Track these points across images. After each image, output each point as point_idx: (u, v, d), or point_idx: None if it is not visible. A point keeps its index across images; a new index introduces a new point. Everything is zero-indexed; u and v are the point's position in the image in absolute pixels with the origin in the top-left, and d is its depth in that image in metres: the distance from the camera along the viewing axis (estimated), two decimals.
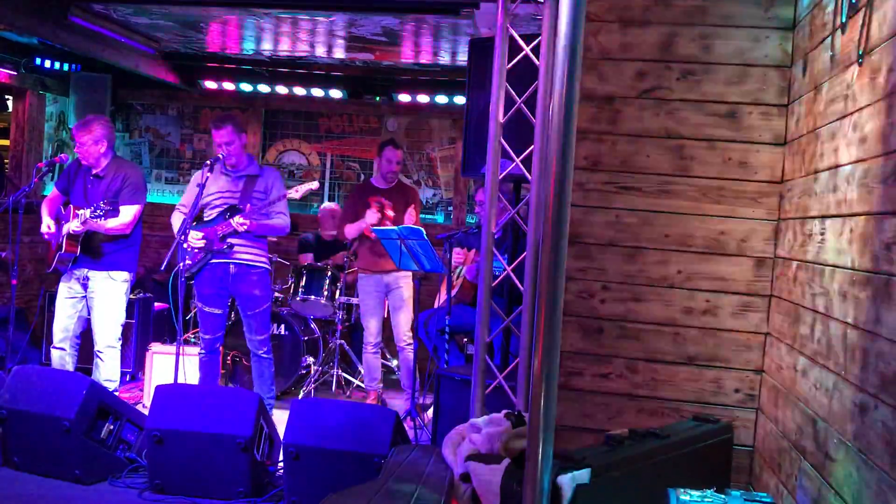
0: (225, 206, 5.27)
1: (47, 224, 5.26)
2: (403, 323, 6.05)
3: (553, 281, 2.38)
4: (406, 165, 8.20)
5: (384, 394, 6.33)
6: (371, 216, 5.92)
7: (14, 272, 5.38)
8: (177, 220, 5.38)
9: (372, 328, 6.13)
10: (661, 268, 3.67)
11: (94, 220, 5.04)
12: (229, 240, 5.22)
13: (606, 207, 3.71)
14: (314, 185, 5.49)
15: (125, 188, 5.26)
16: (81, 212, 5.08)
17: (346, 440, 3.94)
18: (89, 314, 5.33)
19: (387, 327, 6.25)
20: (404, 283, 6.06)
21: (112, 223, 5.19)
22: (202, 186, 5.17)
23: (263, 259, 5.41)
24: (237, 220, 5.13)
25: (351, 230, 6.10)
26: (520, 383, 3.85)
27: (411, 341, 6.03)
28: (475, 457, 2.91)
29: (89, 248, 5.24)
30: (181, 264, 5.14)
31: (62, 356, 5.37)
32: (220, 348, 5.58)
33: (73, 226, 5.10)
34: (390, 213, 5.96)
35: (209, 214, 5.31)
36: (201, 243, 5.21)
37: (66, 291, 5.34)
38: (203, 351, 5.42)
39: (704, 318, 3.64)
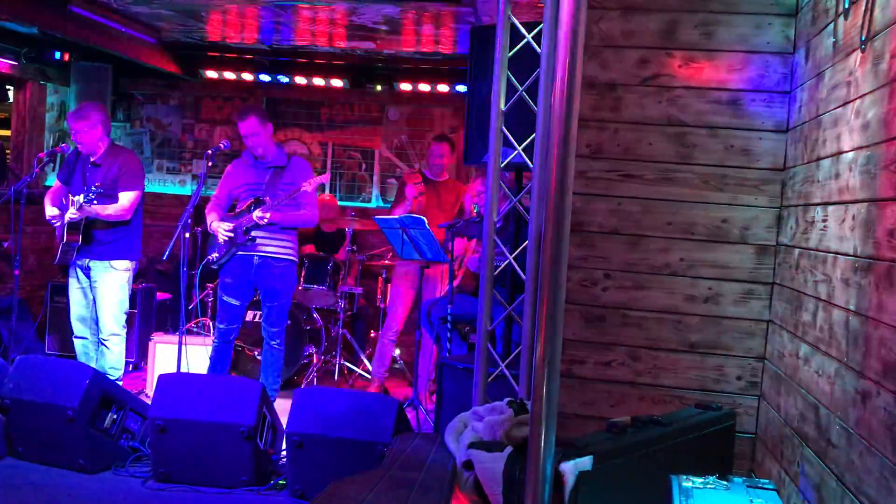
0: (251, 199, 5.27)
1: (52, 213, 5.27)
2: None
3: (555, 269, 2.38)
4: (408, 155, 8.19)
5: (386, 383, 6.33)
6: (411, 189, 5.93)
7: (16, 262, 5.39)
8: (210, 213, 5.40)
9: (399, 316, 6.10)
10: (664, 255, 3.67)
11: (88, 204, 5.04)
12: (253, 232, 5.21)
13: (608, 195, 3.71)
14: (325, 178, 5.47)
15: (122, 175, 5.27)
16: (76, 198, 5.08)
17: (349, 428, 3.95)
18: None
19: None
20: (436, 275, 6.00)
21: (111, 209, 5.19)
22: (203, 176, 5.20)
23: (289, 251, 5.37)
24: (257, 214, 5.11)
25: (398, 211, 6.09)
26: (522, 371, 3.85)
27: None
28: (477, 444, 2.92)
29: (90, 236, 5.25)
30: (210, 256, 5.18)
31: (84, 345, 5.41)
32: (235, 340, 5.55)
33: (70, 213, 5.10)
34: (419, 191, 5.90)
35: (240, 207, 5.32)
36: (229, 235, 5.21)
37: (75, 282, 5.38)
38: (217, 340, 5.42)
39: (706, 305, 3.65)
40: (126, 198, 5.26)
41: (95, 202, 5.05)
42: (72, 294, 5.41)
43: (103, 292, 5.30)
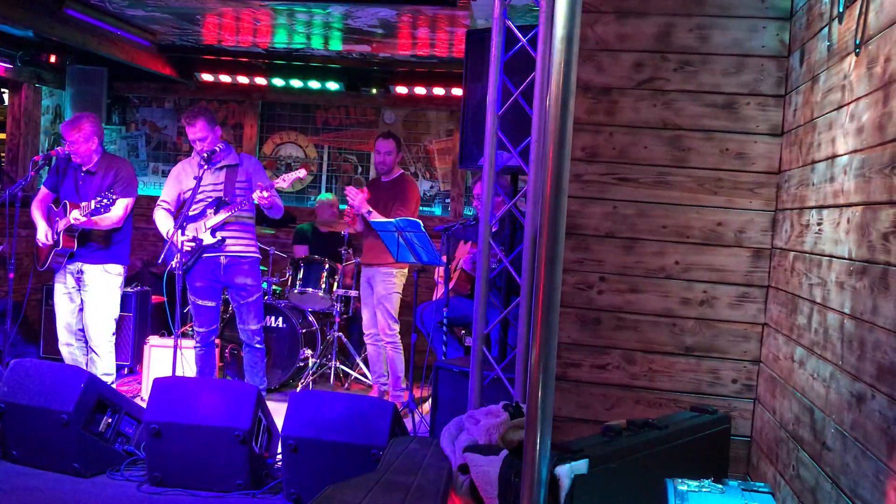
0: (210, 199, 5.27)
1: (45, 233, 5.26)
2: (381, 319, 5.99)
3: (551, 272, 2.38)
4: (403, 158, 8.19)
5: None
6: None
7: (11, 266, 5.37)
8: (161, 217, 5.38)
9: (365, 319, 6.15)
10: (659, 259, 3.68)
11: (96, 213, 5.02)
12: (219, 233, 5.22)
13: (604, 199, 3.71)
14: (301, 173, 5.47)
15: (118, 182, 5.28)
16: (84, 204, 5.06)
17: (345, 432, 3.95)
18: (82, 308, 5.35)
19: None
20: (380, 279, 5.98)
21: (108, 219, 5.19)
22: (199, 179, 5.18)
23: (253, 249, 5.45)
24: (258, 194, 5.13)
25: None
26: (518, 375, 3.85)
27: (392, 339, 5.97)
28: (473, 448, 2.92)
29: (84, 242, 5.25)
30: (176, 259, 5.17)
31: (71, 351, 5.39)
32: (216, 341, 5.59)
33: (73, 216, 5.07)
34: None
35: (194, 209, 5.29)
36: (192, 245, 5.22)
37: (62, 288, 5.36)
38: (199, 344, 5.43)
39: (702, 308, 3.65)
40: (121, 205, 5.25)
41: (106, 209, 5.03)
42: (58, 299, 5.39)
43: (96, 297, 5.29)
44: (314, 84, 8.03)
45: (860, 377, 2.34)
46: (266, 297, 6.49)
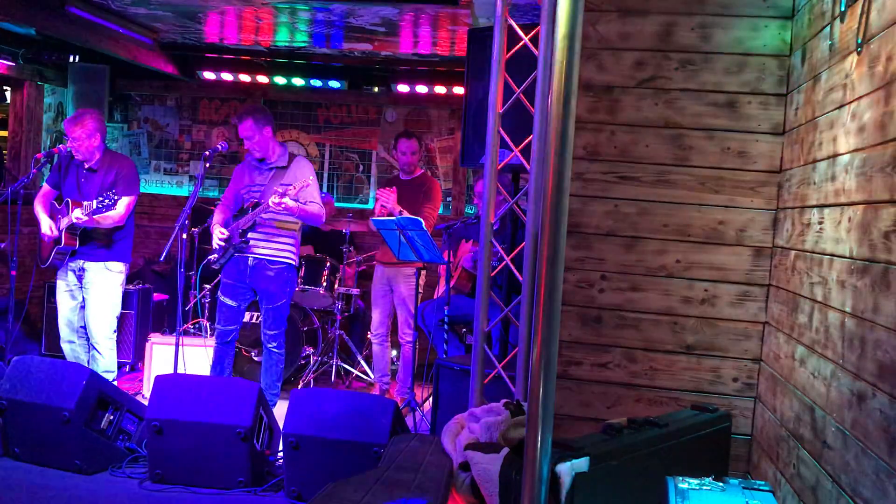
0: (252, 200, 5.27)
1: (49, 226, 5.25)
2: (401, 319, 6.06)
3: (552, 271, 2.38)
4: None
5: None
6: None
7: (13, 263, 5.38)
8: (216, 215, 5.42)
9: (375, 318, 6.17)
10: (660, 257, 3.68)
11: (98, 212, 5.02)
12: (249, 234, 5.22)
13: (605, 197, 3.71)
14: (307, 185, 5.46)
15: (119, 180, 5.28)
16: (87, 203, 5.07)
17: (346, 430, 3.95)
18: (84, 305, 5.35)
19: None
20: (403, 280, 6.03)
21: (109, 218, 5.19)
22: (200, 177, 5.20)
23: (286, 254, 5.33)
24: (273, 200, 5.03)
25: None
26: (518, 373, 3.85)
27: (412, 338, 6.04)
28: (474, 446, 2.92)
29: (86, 239, 5.25)
30: (210, 256, 5.21)
31: (73, 348, 5.40)
32: (234, 341, 5.54)
33: (75, 215, 5.08)
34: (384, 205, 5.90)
35: (243, 208, 5.34)
36: (222, 239, 5.24)
37: (64, 285, 5.37)
38: (216, 341, 5.42)
39: (703, 307, 3.65)
40: (122, 204, 5.26)
41: (108, 209, 5.04)
42: (60, 297, 5.40)
43: (98, 295, 5.29)
44: (316, 82, 8.03)
45: (861, 376, 2.34)
46: None
